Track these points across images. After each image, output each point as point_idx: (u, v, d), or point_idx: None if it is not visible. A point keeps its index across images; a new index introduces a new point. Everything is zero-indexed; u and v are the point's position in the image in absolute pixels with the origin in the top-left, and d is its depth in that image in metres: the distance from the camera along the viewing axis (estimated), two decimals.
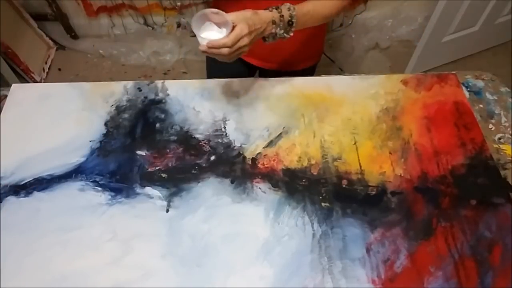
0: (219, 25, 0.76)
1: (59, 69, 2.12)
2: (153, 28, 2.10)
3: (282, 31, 0.82)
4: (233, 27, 0.73)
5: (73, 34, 2.15)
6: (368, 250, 0.72)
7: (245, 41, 0.74)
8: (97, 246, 0.73)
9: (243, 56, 0.93)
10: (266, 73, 1.13)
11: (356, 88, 0.95)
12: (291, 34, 0.83)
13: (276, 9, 0.80)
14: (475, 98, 0.95)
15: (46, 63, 2.09)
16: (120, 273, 0.70)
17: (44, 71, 2.06)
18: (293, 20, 0.81)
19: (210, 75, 1.22)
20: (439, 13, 1.68)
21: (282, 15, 0.80)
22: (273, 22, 0.80)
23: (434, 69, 2.03)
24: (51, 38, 2.15)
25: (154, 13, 2.06)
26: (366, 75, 0.98)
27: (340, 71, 2.07)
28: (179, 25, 2.14)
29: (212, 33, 0.76)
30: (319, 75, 1.03)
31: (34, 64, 1.99)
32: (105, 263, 0.71)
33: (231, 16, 0.74)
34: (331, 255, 0.71)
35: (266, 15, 0.79)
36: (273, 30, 0.81)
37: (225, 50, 0.73)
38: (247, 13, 0.76)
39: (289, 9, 0.80)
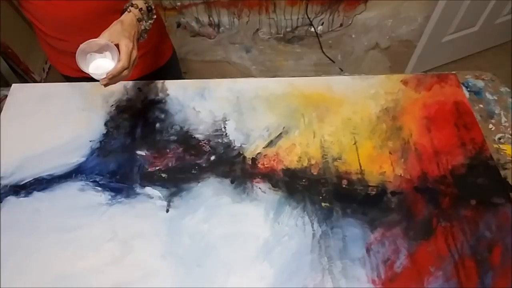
0: (100, 51, 0.76)
1: None
2: None
3: (148, 22, 0.84)
4: (116, 46, 0.73)
5: None
6: (368, 250, 0.72)
7: (134, 53, 0.75)
8: (97, 246, 0.73)
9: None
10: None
11: (356, 88, 0.95)
12: (154, 18, 0.85)
13: (132, 6, 0.80)
14: (475, 98, 0.95)
15: (46, 63, 2.09)
16: (120, 273, 0.70)
17: (44, 71, 2.06)
18: (151, 5, 0.83)
19: None
20: (439, 13, 1.68)
21: (140, 8, 0.81)
22: (139, 20, 0.81)
23: (434, 69, 2.03)
24: None
25: None
26: (366, 75, 0.98)
27: (340, 71, 2.07)
28: (179, 25, 2.14)
29: (98, 61, 0.76)
30: (319, 75, 1.03)
31: (34, 64, 1.99)
32: (105, 263, 0.71)
33: (106, 37, 0.74)
34: (331, 255, 0.71)
35: (130, 17, 0.79)
36: (142, 27, 0.82)
37: (125, 72, 0.73)
38: (116, 27, 0.76)
39: None
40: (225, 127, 0.89)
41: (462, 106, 0.91)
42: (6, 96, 0.95)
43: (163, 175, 0.82)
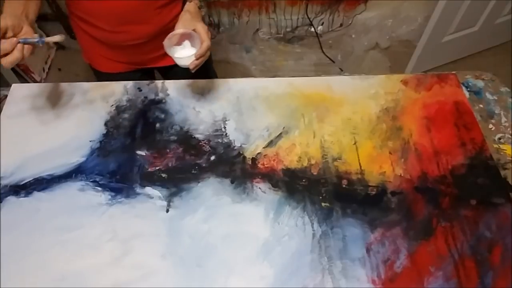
0: (179, 43, 0.83)
1: (59, 69, 2.12)
2: None
3: (205, 8, 0.90)
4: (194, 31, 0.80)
5: (73, 34, 2.14)
6: (368, 250, 0.72)
7: (209, 33, 0.81)
8: (97, 246, 0.73)
9: (141, 65, 1.09)
10: (163, 70, 1.15)
11: (356, 88, 0.95)
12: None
13: None
14: (475, 98, 0.95)
15: (46, 63, 2.09)
16: (120, 273, 0.70)
17: (44, 71, 2.06)
18: None
19: None
20: (439, 13, 1.68)
21: None
22: (199, 7, 0.88)
23: (434, 69, 2.03)
24: None
25: None
26: (366, 75, 0.98)
27: (340, 71, 2.07)
28: None
29: (181, 52, 0.83)
30: (319, 75, 1.03)
31: (34, 64, 1.99)
32: (105, 263, 0.71)
33: (181, 27, 0.81)
34: (331, 255, 0.71)
35: (193, 6, 0.87)
36: (203, 13, 0.89)
37: (208, 52, 0.79)
38: (186, 16, 0.84)
39: None
40: (225, 127, 0.89)
41: (462, 106, 0.91)
42: (6, 96, 0.95)
43: (163, 175, 0.82)
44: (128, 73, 1.10)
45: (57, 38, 0.74)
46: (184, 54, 0.81)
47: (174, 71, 1.07)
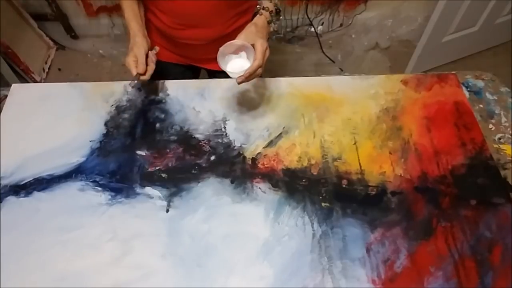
0: (236, 52, 0.81)
1: (59, 69, 2.12)
2: None
3: (275, 24, 0.87)
4: (252, 46, 0.78)
5: (73, 34, 2.15)
6: (368, 250, 0.72)
7: (267, 52, 0.79)
8: (97, 246, 0.73)
9: (193, 62, 1.11)
10: (212, 72, 1.16)
11: (356, 88, 0.95)
12: (281, 18, 0.90)
13: (263, 9, 0.85)
14: (475, 98, 0.95)
15: (46, 63, 2.09)
16: (120, 273, 0.70)
17: (44, 71, 2.06)
18: (279, 7, 0.87)
19: None
20: (439, 13, 1.68)
21: (271, 11, 0.86)
22: (269, 22, 0.86)
23: (434, 69, 2.03)
24: (51, 38, 2.15)
25: None
26: (366, 75, 0.98)
27: (340, 71, 2.07)
28: None
29: (235, 61, 0.81)
30: (319, 75, 1.03)
31: (34, 64, 1.99)
32: (105, 263, 0.71)
33: (242, 38, 0.79)
34: (331, 255, 0.71)
35: (262, 20, 0.85)
36: (271, 29, 0.86)
37: (259, 70, 0.78)
38: (251, 29, 0.82)
39: (270, 1, 0.86)
40: (225, 127, 0.89)
41: (462, 106, 0.91)
42: (6, 96, 0.95)
43: (163, 175, 0.82)
44: (177, 65, 1.11)
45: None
46: (236, 66, 0.80)
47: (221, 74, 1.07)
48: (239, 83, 0.78)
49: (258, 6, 0.87)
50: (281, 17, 0.90)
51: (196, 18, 0.94)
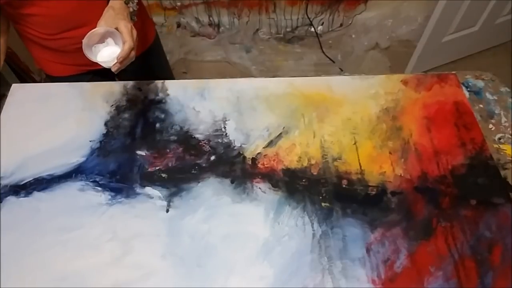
0: (102, 40, 0.78)
1: None
2: None
3: (134, 3, 0.85)
4: (116, 29, 0.75)
5: None
6: (368, 250, 0.72)
7: (135, 32, 0.77)
8: (97, 246, 0.73)
9: (90, 67, 1.01)
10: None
11: (356, 88, 0.95)
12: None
13: None
14: (475, 98, 0.95)
15: None
16: (120, 273, 0.70)
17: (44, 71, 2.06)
18: None
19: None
20: (439, 13, 1.68)
21: None
22: (126, 3, 0.83)
23: (434, 69, 2.03)
24: None
25: (154, 13, 2.06)
26: (366, 75, 0.98)
27: (340, 71, 2.07)
28: (179, 25, 2.14)
29: (103, 51, 0.78)
30: (319, 75, 1.03)
31: (34, 64, 1.99)
32: (105, 263, 0.71)
33: (103, 25, 0.76)
34: (331, 255, 0.71)
35: (118, 2, 0.81)
36: (130, 9, 0.84)
37: (133, 52, 0.75)
38: (110, 13, 0.78)
39: None
40: (225, 127, 0.89)
41: (462, 106, 0.91)
42: (6, 96, 0.95)
43: (163, 175, 0.82)
44: (80, 75, 1.07)
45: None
46: (106, 54, 0.76)
47: (124, 70, 1.05)
48: (115, 71, 0.75)
49: None
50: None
51: (67, 20, 0.91)
